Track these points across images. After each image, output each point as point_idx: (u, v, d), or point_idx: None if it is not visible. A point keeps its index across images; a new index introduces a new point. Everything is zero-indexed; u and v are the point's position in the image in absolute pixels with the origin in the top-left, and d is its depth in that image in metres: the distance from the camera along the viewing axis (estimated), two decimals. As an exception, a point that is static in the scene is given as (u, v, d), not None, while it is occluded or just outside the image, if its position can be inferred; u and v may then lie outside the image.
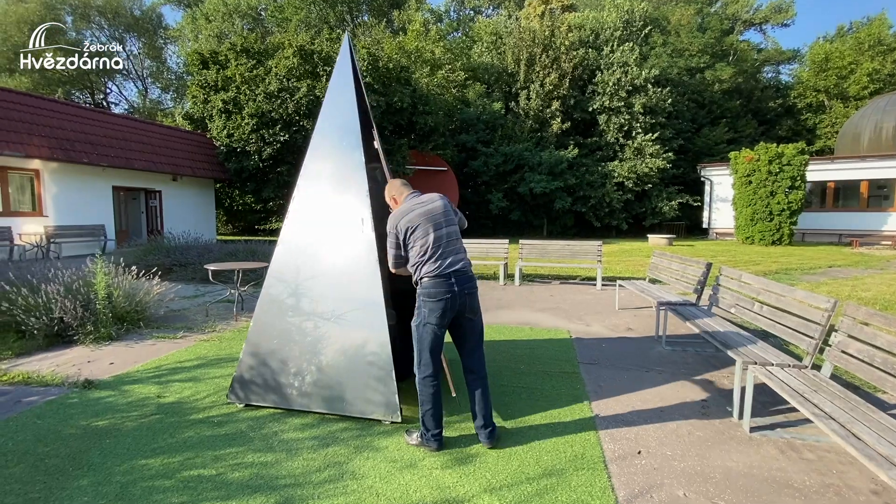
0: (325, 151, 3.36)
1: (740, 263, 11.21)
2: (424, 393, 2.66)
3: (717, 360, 4.30)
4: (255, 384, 3.22)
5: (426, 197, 2.74)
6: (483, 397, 2.73)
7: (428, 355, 2.65)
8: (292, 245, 3.29)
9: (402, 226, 2.65)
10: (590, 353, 4.53)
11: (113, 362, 4.22)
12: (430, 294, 2.59)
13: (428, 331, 2.62)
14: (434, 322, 2.60)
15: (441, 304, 2.57)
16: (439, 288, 2.57)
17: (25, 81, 29.54)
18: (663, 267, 6.08)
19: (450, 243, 2.65)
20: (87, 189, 13.63)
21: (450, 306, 2.60)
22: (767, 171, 17.13)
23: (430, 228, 2.61)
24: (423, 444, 2.68)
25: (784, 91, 30.01)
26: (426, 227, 2.61)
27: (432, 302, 2.58)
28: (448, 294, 2.57)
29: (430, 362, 2.66)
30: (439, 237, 2.62)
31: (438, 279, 2.58)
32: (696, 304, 4.80)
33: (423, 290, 2.62)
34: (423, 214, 2.64)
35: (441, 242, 2.62)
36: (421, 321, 2.64)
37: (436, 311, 2.59)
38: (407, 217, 2.65)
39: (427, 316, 2.60)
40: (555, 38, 22.62)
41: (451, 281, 2.59)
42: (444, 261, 2.60)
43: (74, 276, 5.15)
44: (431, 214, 2.65)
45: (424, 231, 2.61)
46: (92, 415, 3.15)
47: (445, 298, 2.57)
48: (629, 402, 3.35)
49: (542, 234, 22.93)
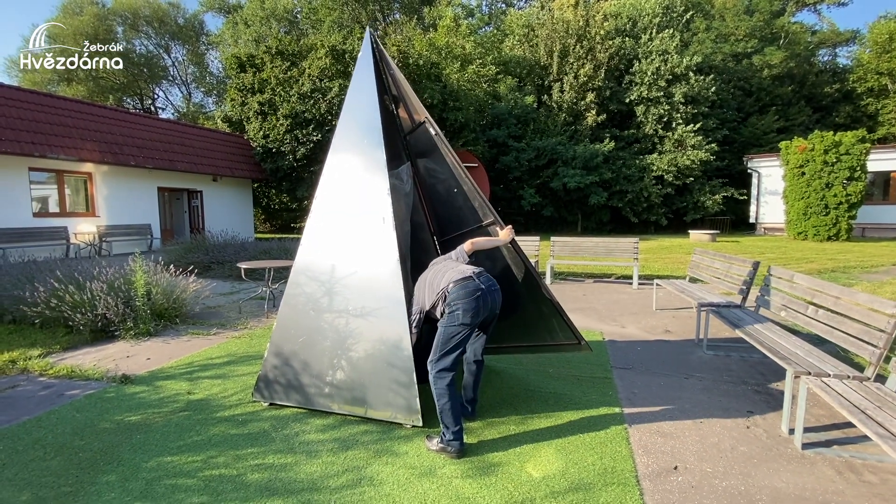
0: (345, 152, 3.31)
1: (792, 261, 10.49)
2: (439, 386, 2.61)
3: (764, 367, 3.99)
4: (279, 384, 3.23)
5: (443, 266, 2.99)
6: (478, 375, 3.09)
7: (452, 355, 2.64)
8: (313, 247, 3.27)
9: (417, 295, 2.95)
10: (624, 356, 4.31)
11: (149, 358, 4.37)
12: (459, 295, 2.63)
13: (460, 331, 2.63)
14: (468, 322, 2.62)
15: (474, 301, 2.61)
16: (467, 288, 2.64)
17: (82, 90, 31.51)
18: (705, 265, 5.72)
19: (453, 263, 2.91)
20: (135, 190, 14.36)
21: (482, 304, 2.65)
22: (823, 162, 15.97)
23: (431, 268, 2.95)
24: (444, 450, 2.60)
25: (842, 75, 27.83)
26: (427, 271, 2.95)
27: (464, 301, 2.61)
28: (478, 291, 2.63)
29: (451, 361, 2.64)
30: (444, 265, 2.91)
31: (461, 281, 2.67)
32: (740, 306, 4.48)
33: (451, 295, 2.66)
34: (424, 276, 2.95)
35: (445, 265, 2.89)
36: (453, 321, 2.63)
37: (469, 309, 2.61)
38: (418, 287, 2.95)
39: (462, 316, 2.61)
40: (589, 28, 21.92)
41: (476, 280, 2.67)
42: (456, 270, 2.79)
43: (117, 275, 5.39)
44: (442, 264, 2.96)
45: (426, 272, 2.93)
46: (126, 409, 3.25)
47: (477, 295, 2.63)
48: (666, 412, 3.14)
49: (576, 230, 22.36)
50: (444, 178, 3.73)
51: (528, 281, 3.47)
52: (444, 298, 2.70)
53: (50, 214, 12.39)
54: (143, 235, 14.32)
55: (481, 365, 3.08)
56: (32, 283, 5.21)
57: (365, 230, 3.15)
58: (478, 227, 3.60)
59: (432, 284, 2.83)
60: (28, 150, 11.06)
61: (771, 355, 3.12)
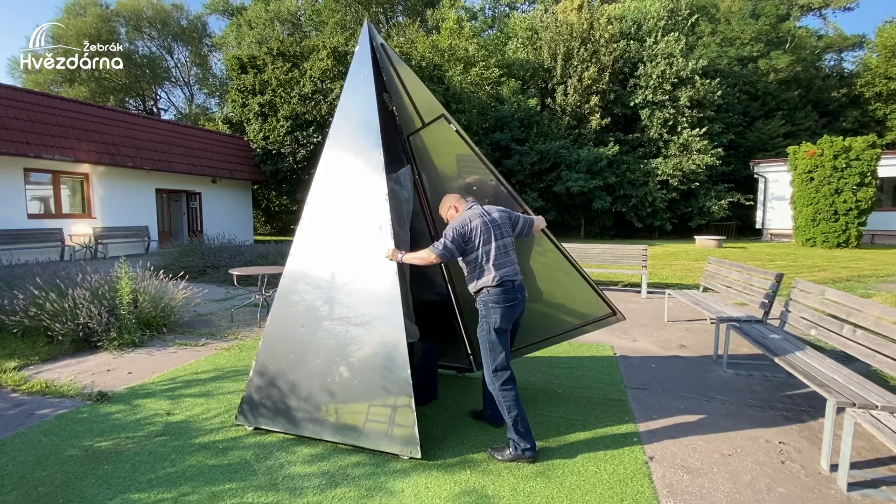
0: (339, 152, 3.05)
1: (804, 269, 10.18)
2: (507, 398, 2.63)
3: (791, 388, 3.69)
4: (265, 407, 2.95)
5: (488, 208, 2.83)
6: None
7: (504, 359, 2.66)
8: (303, 256, 3.00)
9: (470, 229, 2.71)
10: (638, 375, 4.02)
11: (131, 372, 4.10)
12: (498, 300, 2.64)
13: (501, 336, 2.66)
14: (506, 327, 2.67)
15: (511, 309, 2.67)
16: (508, 294, 2.66)
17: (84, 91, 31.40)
18: (721, 276, 5.43)
19: (507, 253, 2.74)
20: (132, 191, 14.12)
21: (518, 311, 2.74)
22: (832, 167, 15.67)
23: (493, 237, 2.71)
24: (520, 458, 2.61)
25: (849, 79, 27.49)
26: (489, 236, 2.71)
27: (503, 307, 2.65)
28: (515, 300, 2.68)
29: (507, 366, 2.66)
30: (500, 246, 2.72)
31: (503, 286, 2.66)
32: (762, 321, 4.19)
33: (492, 297, 2.66)
34: (489, 223, 2.73)
35: (500, 252, 2.71)
36: (490, 327, 2.65)
37: (507, 315, 2.66)
38: (475, 223, 2.72)
39: (499, 321, 2.64)
40: (594, 31, 21.68)
41: (515, 288, 2.70)
42: (506, 269, 2.69)
43: (102, 281, 5.12)
44: (495, 224, 2.74)
45: (487, 239, 2.70)
46: (98, 433, 2.97)
47: (515, 303, 2.68)
48: (689, 442, 2.85)
49: (579, 235, 22.06)
50: (453, 178, 3.46)
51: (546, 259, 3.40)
52: (487, 291, 2.66)
53: (45, 216, 12.16)
54: (140, 237, 14.08)
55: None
56: (12, 290, 4.94)
57: (360, 239, 2.88)
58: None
59: (491, 259, 2.67)
60: (23, 151, 10.85)
61: (808, 381, 2.82)
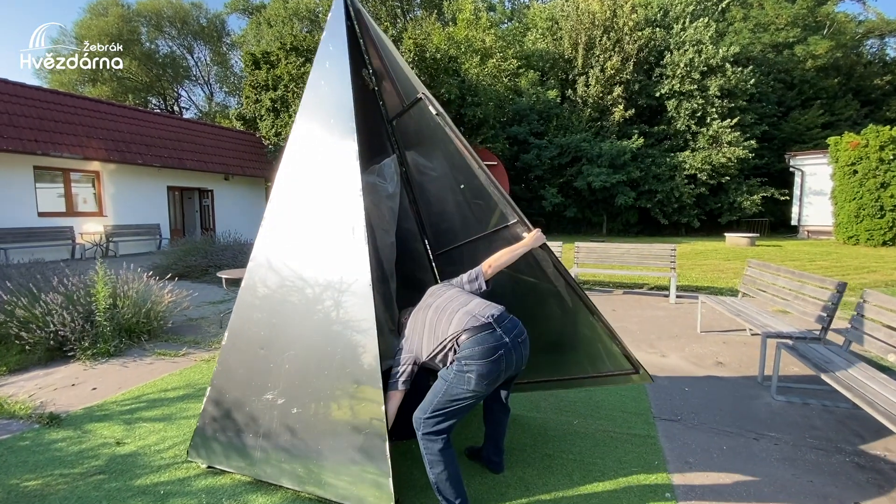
0: (305, 140, 2.55)
1: (850, 270, 9.26)
2: (431, 450, 2.00)
3: (858, 422, 3.04)
4: (218, 442, 2.49)
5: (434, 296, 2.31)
6: (505, 425, 2.43)
7: (450, 421, 2.01)
8: (263, 263, 2.51)
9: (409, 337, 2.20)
10: (669, 401, 3.42)
11: (96, 387, 3.71)
12: (474, 353, 1.94)
13: (468, 398, 1.97)
14: (482, 390, 1.97)
15: (493, 364, 1.94)
16: (486, 343, 1.94)
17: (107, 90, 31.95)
18: (766, 283, 4.72)
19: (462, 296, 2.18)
20: (143, 189, 14.03)
21: (505, 365, 1.97)
22: (878, 159, 14.48)
23: (428, 301, 2.23)
24: None
25: (892, 66, 25.70)
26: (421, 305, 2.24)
27: (481, 363, 1.93)
28: (500, 349, 1.94)
29: (447, 426, 2.01)
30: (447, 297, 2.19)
31: (478, 331, 1.97)
32: (820, 339, 3.52)
33: (463, 350, 1.97)
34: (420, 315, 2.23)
35: (451, 298, 2.17)
36: (462, 384, 1.96)
37: (487, 374, 1.94)
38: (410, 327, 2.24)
39: (475, 382, 1.93)
40: (617, 19, 20.72)
41: (497, 330, 1.98)
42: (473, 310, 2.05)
43: (80, 284, 4.78)
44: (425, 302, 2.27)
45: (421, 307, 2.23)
46: (31, 468, 2.56)
47: (499, 355, 1.94)
48: (736, 495, 2.26)
49: (601, 232, 21.20)
50: (443, 173, 2.93)
51: (562, 296, 2.66)
52: (454, 350, 2.02)
53: (55, 214, 12.12)
54: (151, 235, 13.99)
55: (508, 413, 2.45)
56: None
57: (327, 243, 2.37)
58: (494, 231, 2.76)
59: (433, 327, 2.12)
60: (31, 148, 10.77)
61: (893, 427, 2.19)
